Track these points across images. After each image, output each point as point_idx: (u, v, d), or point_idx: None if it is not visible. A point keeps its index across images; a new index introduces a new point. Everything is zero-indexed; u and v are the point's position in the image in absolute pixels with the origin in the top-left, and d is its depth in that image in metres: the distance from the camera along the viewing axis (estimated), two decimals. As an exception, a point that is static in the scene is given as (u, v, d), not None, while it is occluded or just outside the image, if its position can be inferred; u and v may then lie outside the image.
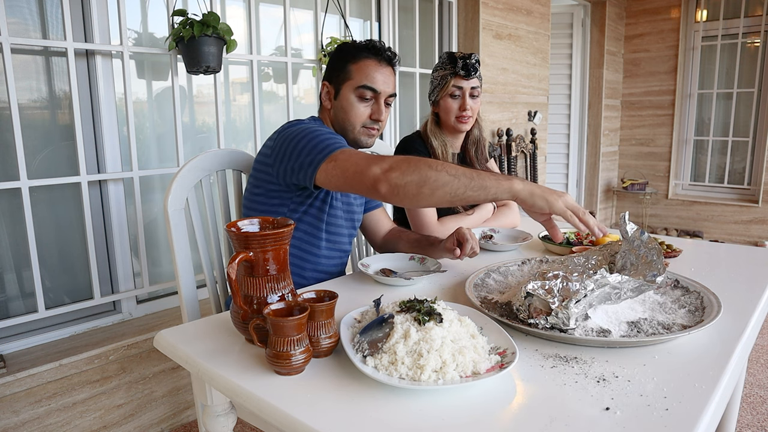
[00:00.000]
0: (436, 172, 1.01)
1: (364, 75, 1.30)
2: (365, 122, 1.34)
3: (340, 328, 0.88)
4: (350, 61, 1.32)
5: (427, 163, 1.02)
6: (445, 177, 1.01)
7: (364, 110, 1.33)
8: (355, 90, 1.31)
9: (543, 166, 4.10)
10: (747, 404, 2.18)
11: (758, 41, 4.62)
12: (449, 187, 1.01)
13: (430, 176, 1.01)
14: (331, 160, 1.11)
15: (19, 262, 1.84)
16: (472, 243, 1.29)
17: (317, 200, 1.32)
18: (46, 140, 1.88)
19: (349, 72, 1.32)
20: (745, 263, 1.37)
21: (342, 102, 1.33)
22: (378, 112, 1.33)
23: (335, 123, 1.37)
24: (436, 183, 1.01)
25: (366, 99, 1.32)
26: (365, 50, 1.32)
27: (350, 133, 1.35)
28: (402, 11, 3.02)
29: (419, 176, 1.01)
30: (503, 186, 1.01)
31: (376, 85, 1.31)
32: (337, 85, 1.34)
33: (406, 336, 0.79)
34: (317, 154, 1.13)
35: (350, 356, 0.78)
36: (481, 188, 1.01)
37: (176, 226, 1.31)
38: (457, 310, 0.95)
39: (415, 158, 1.05)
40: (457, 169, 1.02)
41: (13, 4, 1.75)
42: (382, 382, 0.73)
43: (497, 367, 0.76)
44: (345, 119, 1.34)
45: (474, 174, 1.01)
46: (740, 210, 4.72)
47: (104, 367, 1.82)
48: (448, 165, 1.03)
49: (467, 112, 1.67)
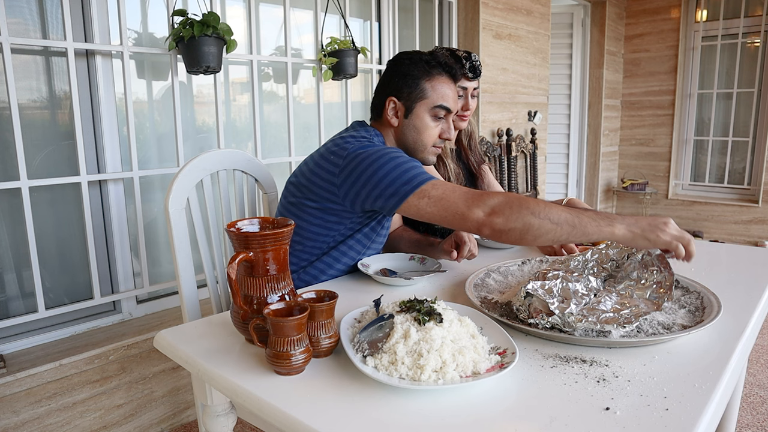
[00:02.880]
0: (540, 219, 1.00)
1: (441, 95, 1.27)
2: (436, 142, 1.32)
3: (340, 328, 0.88)
4: (423, 78, 1.27)
5: (529, 209, 1.01)
6: (548, 225, 1.00)
7: (436, 130, 1.30)
8: (431, 110, 1.28)
9: (543, 166, 4.10)
10: (747, 404, 2.18)
11: (758, 41, 4.62)
12: (551, 235, 1.01)
13: (533, 224, 1.00)
14: (423, 196, 1.09)
15: (19, 262, 1.84)
16: (470, 245, 1.28)
17: (374, 221, 1.29)
18: (46, 140, 1.88)
19: (423, 90, 1.27)
20: (745, 263, 1.37)
21: (414, 121, 1.29)
22: (448, 131, 1.31)
23: (403, 141, 1.32)
24: (539, 231, 1.00)
25: (439, 118, 1.30)
26: (438, 66, 1.29)
27: (420, 153, 1.32)
28: (402, 11, 3.02)
29: (523, 224, 1.01)
30: (605, 232, 0.99)
31: (449, 104, 1.29)
32: (409, 103, 1.29)
33: (406, 336, 0.79)
34: (403, 185, 1.10)
35: (350, 356, 0.78)
36: (582, 235, 1.00)
37: (177, 226, 1.31)
38: (457, 310, 0.95)
39: (516, 200, 1.03)
40: (560, 215, 1.01)
41: (13, 4, 1.75)
42: (382, 382, 0.73)
43: (497, 367, 0.76)
44: (417, 140, 1.30)
45: (576, 221, 1.00)
46: (740, 210, 4.72)
47: (104, 367, 1.82)
48: (551, 209, 1.01)
49: (468, 111, 1.69)
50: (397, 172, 1.11)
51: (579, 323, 0.88)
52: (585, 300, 0.97)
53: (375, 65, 2.89)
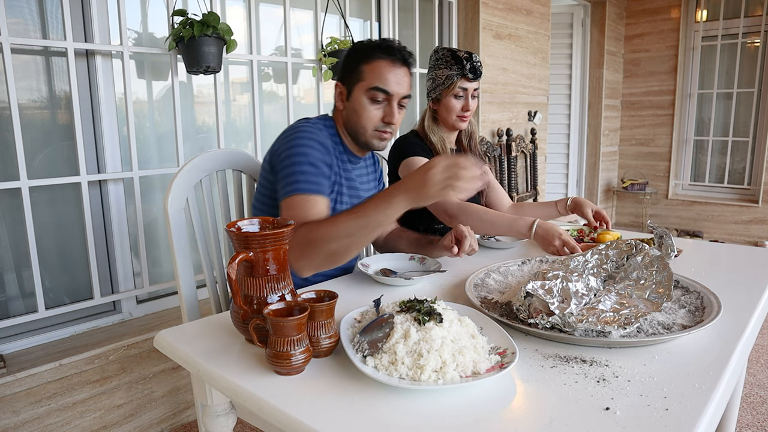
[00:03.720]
0: (336, 241, 1.05)
1: (377, 76, 1.26)
2: (377, 125, 1.30)
3: (340, 328, 0.88)
4: (363, 62, 1.28)
5: (320, 237, 1.06)
6: (346, 240, 1.05)
7: (376, 113, 1.29)
8: (367, 92, 1.27)
9: (543, 166, 4.10)
10: (747, 404, 2.18)
11: (758, 41, 4.62)
12: (354, 245, 1.06)
13: (332, 248, 1.06)
14: (283, 207, 1.18)
15: (19, 262, 1.84)
16: (471, 240, 1.28)
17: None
18: (46, 140, 1.88)
19: (361, 73, 1.28)
20: (745, 263, 1.37)
21: (354, 104, 1.30)
22: (390, 114, 1.29)
23: (347, 125, 1.34)
24: (341, 249, 1.06)
25: (378, 101, 1.28)
26: (378, 50, 1.28)
27: (362, 137, 1.32)
28: (402, 11, 3.02)
29: (325, 253, 1.06)
30: (388, 213, 1.01)
31: (388, 87, 1.27)
32: (350, 86, 1.30)
33: (406, 336, 0.79)
34: (285, 186, 1.18)
35: (350, 356, 0.78)
36: (377, 225, 1.03)
37: (176, 226, 1.31)
38: (457, 310, 0.95)
39: (303, 235, 1.08)
40: (348, 223, 1.05)
41: (13, 4, 1.75)
42: (382, 382, 0.73)
43: (497, 367, 0.76)
44: (357, 122, 1.31)
45: (364, 221, 1.04)
46: (740, 210, 4.72)
47: (104, 367, 1.82)
48: (337, 223, 1.06)
49: (468, 112, 1.69)
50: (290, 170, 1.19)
51: (579, 323, 0.88)
52: (585, 300, 0.97)
53: (375, 65, 2.88)
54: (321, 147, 1.24)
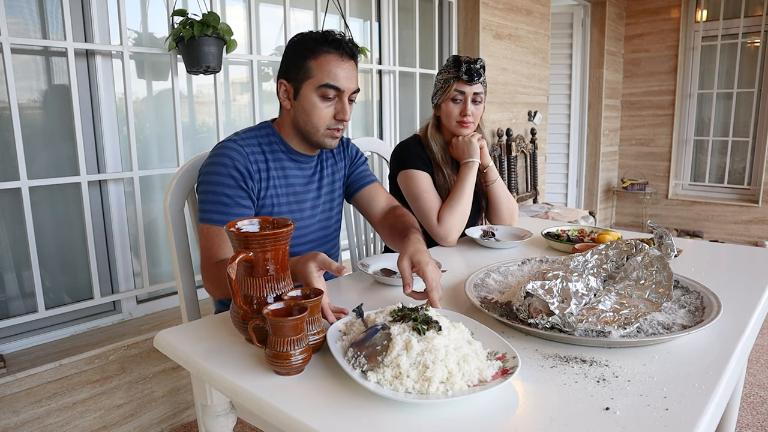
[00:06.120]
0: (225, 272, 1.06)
1: (326, 72, 1.19)
2: (329, 123, 1.24)
3: (328, 341, 0.84)
4: (309, 57, 1.20)
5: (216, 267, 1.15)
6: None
7: (327, 111, 1.22)
8: (317, 89, 1.20)
9: (543, 166, 4.10)
10: (747, 404, 2.18)
11: (758, 41, 4.62)
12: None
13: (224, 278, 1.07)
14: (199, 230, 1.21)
15: (19, 262, 1.84)
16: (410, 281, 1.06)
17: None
18: (46, 140, 1.88)
19: (308, 69, 1.20)
20: (745, 263, 1.37)
21: (303, 102, 1.23)
22: (342, 111, 1.23)
23: (296, 125, 1.27)
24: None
25: (329, 98, 1.21)
26: (325, 44, 1.20)
27: (313, 136, 1.26)
28: (402, 11, 3.02)
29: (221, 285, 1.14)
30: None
31: (339, 83, 1.20)
32: (296, 84, 1.22)
33: (408, 347, 0.76)
34: (200, 211, 1.21)
35: (348, 373, 0.74)
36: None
37: (176, 226, 1.31)
38: (447, 316, 0.91)
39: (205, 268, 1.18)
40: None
41: (13, 4, 1.75)
42: (389, 398, 0.70)
43: (500, 374, 0.75)
44: (307, 121, 1.24)
45: None
46: (740, 210, 4.72)
47: (104, 367, 1.82)
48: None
49: (468, 117, 1.64)
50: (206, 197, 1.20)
51: (579, 323, 0.87)
52: (585, 300, 0.97)
53: (375, 65, 2.89)
54: (236, 173, 1.19)
